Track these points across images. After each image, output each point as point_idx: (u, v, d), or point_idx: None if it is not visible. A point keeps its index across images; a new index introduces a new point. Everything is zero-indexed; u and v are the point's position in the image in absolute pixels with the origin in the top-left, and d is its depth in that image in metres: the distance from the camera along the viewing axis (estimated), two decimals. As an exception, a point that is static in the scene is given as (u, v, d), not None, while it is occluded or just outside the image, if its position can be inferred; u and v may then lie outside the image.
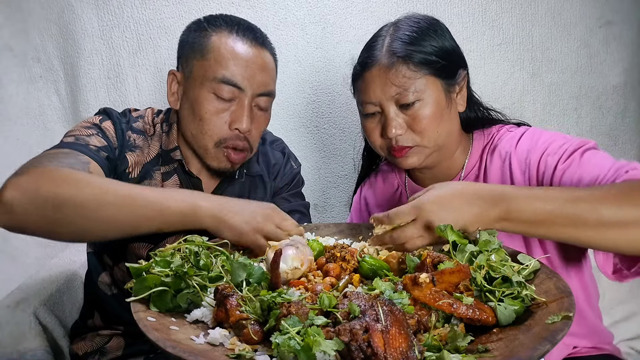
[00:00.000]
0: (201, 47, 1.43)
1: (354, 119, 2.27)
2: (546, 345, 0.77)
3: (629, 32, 2.30)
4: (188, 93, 1.45)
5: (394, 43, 1.36)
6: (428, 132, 1.36)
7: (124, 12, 2.10)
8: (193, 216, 1.19)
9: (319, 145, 2.30)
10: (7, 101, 2.13)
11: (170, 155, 1.50)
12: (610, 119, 2.38)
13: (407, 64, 1.33)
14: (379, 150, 1.47)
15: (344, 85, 2.24)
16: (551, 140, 1.34)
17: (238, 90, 1.42)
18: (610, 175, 1.18)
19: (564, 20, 2.27)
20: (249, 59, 1.42)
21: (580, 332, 1.41)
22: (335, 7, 2.18)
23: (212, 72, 1.41)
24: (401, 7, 2.18)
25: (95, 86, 2.14)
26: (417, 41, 1.35)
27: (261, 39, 1.49)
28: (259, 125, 1.51)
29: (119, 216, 1.15)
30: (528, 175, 1.35)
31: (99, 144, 1.39)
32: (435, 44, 1.36)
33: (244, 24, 1.49)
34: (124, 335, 1.55)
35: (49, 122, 2.17)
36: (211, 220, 1.19)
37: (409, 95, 1.33)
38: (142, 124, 1.54)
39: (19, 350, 1.62)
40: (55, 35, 2.11)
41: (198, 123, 1.43)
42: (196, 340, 0.87)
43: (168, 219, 1.18)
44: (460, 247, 1.04)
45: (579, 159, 1.26)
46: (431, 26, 1.40)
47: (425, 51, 1.34)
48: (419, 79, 1.34)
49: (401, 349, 0.77)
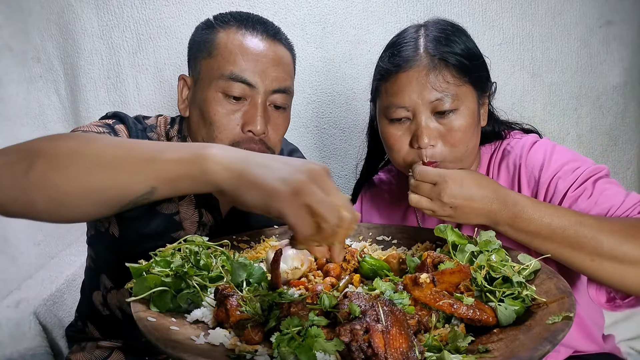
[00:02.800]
0: (208, 45, 1.34)
1: (354, 119, 2.27)
2: (547, 346, 0.77)
3: (629, 32, 2.30)
4: (196, 96, 1.35)
5: (431, 44, 1.26)
6: (460, 146, 1.27)
7: (124, 12, 2.10)
8: (198, 167, 0.82)
9: (319, 145, 2.30)
10: (7, 101, 2.12)
11: None
12: (610, 119, 2.39)
13: (449, 69, 1.24)
14: (400, 162, 1.34)
15: (344, 85, 2.25)
16: (564, 162, 1.28)
17: (249, 88, 1.30)
18: (621, 211, 1.17)
19: (564, 20, 2.27)
20: (260, 53, 1.31)
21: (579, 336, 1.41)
22: (335, 7, 2.18)
23: (220, 70, 1.30)
24: (401, 7, 2.18)
25: (95, 86, 2.13)
26: (455, 44, 1.27)
27: (273, 31, 1.37)
28: (277, 126, 1.37)
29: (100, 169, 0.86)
30: (536, 192, 1.30)
31: None
32: (471, 47, 1.30)
33: (254, 17, 1.38)
34: (123, 350, 1.48)
35: (49, 122, 2.17)
36: (225, 173, 0.81)
37: (449, 103, 1.23)
38: (156, 135, 1.42)
39: (19, 350, 1.62)
40: (55, 35, 2.10)
41: (208, 127, 1.30)
42: (196, 341, 0.87)
43: (162, 171, 0.84)
44: (461, 247, 1.05)
45: (591, 189, 1.22)
46: (461, 31, 1.33)
47: (463, 55, 1.26)
48: (460, 86, 1.25)
49: (402, 349, 0.77)
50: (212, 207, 1.42)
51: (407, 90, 1.25)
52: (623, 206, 1.17)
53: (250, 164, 0.81)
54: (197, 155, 0.82)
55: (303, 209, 0.77)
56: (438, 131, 1.27)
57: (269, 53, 1.32)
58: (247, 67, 1.29)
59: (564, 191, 1.24)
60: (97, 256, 1.49)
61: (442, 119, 1.26)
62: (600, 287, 1.19)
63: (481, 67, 1.33)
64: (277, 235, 1.43)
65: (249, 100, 1.32)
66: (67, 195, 0.87)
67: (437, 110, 1.25)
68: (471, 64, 1.28)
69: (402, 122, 1.30)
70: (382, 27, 2.20)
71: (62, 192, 0.86)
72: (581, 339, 1.41)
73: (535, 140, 1.38)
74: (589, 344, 1.42)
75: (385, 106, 1.32)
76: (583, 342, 1.41)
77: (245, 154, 0.83)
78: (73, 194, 0.87)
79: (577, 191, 1.23)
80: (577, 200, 1.21)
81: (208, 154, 0.82)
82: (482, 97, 1.34)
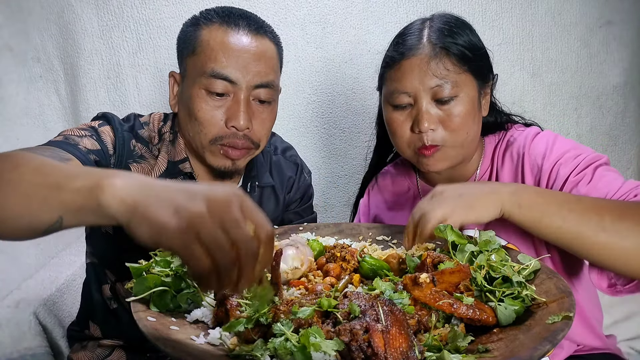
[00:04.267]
0: (192, 42, 1.36)
1: (354, 119, 2.27)
2: (546, 345, 0.77)
3: (629, 32, 2.30)
4: (183, 93, 1.38)
5: (434, 34, 1.32)
6: (459, 132, 1.32)
7: (124, 12, 2.10)
8: (95, 199, 0.73)
9: (318, 145, 2.30)
10: (7, 101, 2.13)
11: (178, 167, 1.41)
12: (610, 119, 2.39)
13: (450, 57, 1.30)
14: (403, 148, 1.40)
15: (344, 85, 2.25)
16: (565, 149, 1.32)
17: (231, 84, 1.32)
18: (618, 195, 1.19)
19: (564, 20, 2.27)
20: (241, 48, 1.32)
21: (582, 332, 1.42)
22: (335, 7, 2.18)
23: (202, 67, 1.32)
24: (401, 7, 2.19)
25: (95, 86, 2.14)
26: (458, 35, 1.32)
27: (256, 25, 1.38)
28: (262, 120, 1.39)
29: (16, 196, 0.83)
30: (539, 179, 1.33)
31: (91, 147, 1.26)
32: (473, 40, 1.35)
33: (237, 12, 1.39)
34: (124, 348, 1.50)
35: (49, 122, 2.17)
36: (121, 207, 0.71)
37: (448, 90, 1.29)
38: (148, 132, 1.44)
39: (19, 350, 1.62)
40: (55, 35, 2.11)
41: (194, 123, 1.35)
42: (196, 340, 0.87)
43: (66, 201, 0.77)
44: (460, 247, 1.05)
45: (591, 175, 1.25)
46: (466, 25, 1.39)
47: (465, 46, 1.32)
48: (460, 74, 1.31)
49: (401, 349, 0.77)
50: None
51: (409, 76, 1.31)
52: (620, 191, 1.20)
53: (147, 194, 0.70)
54: (96, 186, 0.73)
55: (195, 244, 0.67)
56: (438, 116, 1.32)
57: (251, 48, 1.33)
58: (229, 63, 1.30)
59: (565, 177, 1.27)
60: (98, 253, 1.50)
61: (442, 105, 1.31)
62: (602, 272, 1.20)
63: (482, 57, 1.37)
64: (277, 236, 1.43)
65: (232, 96, 1.34)
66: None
67: (437, 97, 1.30)
68: (472, 54, 1.33)
69: (404, 109, 1.35)
70: (382, 27, 2.20)
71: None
72: (584, 333, 1.42)
73: (538, 131, 1.43)
74: (594, 338, 1.44)
75: (389, 92, 1.37)
76: (587, 337, 1.43)
77: (147, 184, 0.73)
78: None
79: (578, 177, 1.26)
80: (577, 185, 1.25)
81: (106, 185, 0.73)
82: (483, 87, 1.38)
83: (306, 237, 1.34)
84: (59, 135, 1.27)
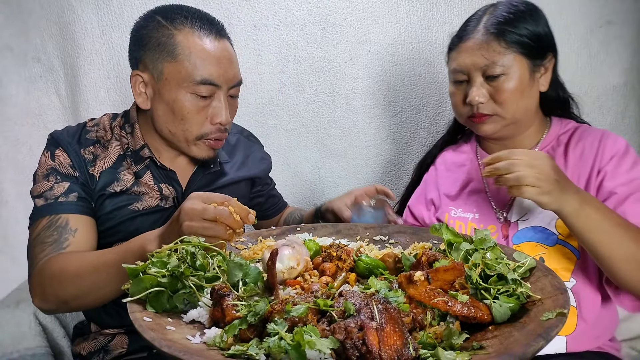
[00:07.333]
0: (168, 48, 1.43)
1: (354, 119, 2.27)
2: (540, 342, 0.77)
3: (629, 32, 2.30)
4: (163, 95, 1.46)
5: (490, 21, 1.48)
6: (508, 104, 1.47)
7: (124, 12, 2.10)
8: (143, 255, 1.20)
9: (319, 145, 2.31)
10: (7, 101, 2.13)
11: (140, 154, 1.53)
12: (610, 119, 2.38)
13: (499, 41, 1.45)
14: (460, 116, 1.59)
15: (344, 85, 2.25)
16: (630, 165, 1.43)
17: (215, 87, 1.46)
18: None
19: (564, 20, 2.26)
20: (219, 55, 1.46)
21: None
22: (335, 7, 2.18)
23: (189, 75, 1.43)
24: (401, 7, 2.19)
25: (95, 86, 2.14)
26: (512, 22, 1.46)
27: (221, 29, 1.51)
28: (233, 112, 1.58)
29: (106, 285, 1.28)
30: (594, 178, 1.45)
31: (64, 189, 1.44)
32: (529, 27, 1.47)
33: (202, 16, 1.50)
34: (127, 333, 1.55)
35: (49, 122, 2.18)
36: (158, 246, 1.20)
37: (496, 68, 1.44)
38: (97, 132, 1.56)
39: (19, 350, 1.63)
40: (55, 35, 2.11)
41: (179, 122, 1.47)
42: (192, 340, 0.87)
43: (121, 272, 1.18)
44: (456, 245, 1.05)
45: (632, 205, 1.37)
46: (528, 11, 1.50)
47: (518, 32, 1.45)
48: (508, 55, 1.45)
49: (396, 347, 0.77)
50: (171, 179, 1.58)
51: (464, 57, 1.50)
52: None
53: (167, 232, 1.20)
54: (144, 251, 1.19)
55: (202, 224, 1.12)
56: (488, 91, 1.48)
57: (225, 53, 1.48)
58: (213, 71, 1.45)
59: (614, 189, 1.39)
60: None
61: (492, 81, 1.47)
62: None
63: (540, 42, 1.50)
64: (274, 236, 1.43)
65: (214, 96, 1.49)
66: (100, 301, 1.34)
67: (487, 74, 1.47)
68: (527, 41, 1.46)
69: (461, 84, 1.54)
70: (382, 27, 2.21)
71: (96, 302, 1.34)
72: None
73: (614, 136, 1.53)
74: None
75: (450, 70, 1.58)
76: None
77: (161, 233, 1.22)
78: (101, 300, 1.33)
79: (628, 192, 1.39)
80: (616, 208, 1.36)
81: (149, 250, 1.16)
82: (536, 65, 1.51)
83: (303, 237, 1.35)
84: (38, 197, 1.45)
